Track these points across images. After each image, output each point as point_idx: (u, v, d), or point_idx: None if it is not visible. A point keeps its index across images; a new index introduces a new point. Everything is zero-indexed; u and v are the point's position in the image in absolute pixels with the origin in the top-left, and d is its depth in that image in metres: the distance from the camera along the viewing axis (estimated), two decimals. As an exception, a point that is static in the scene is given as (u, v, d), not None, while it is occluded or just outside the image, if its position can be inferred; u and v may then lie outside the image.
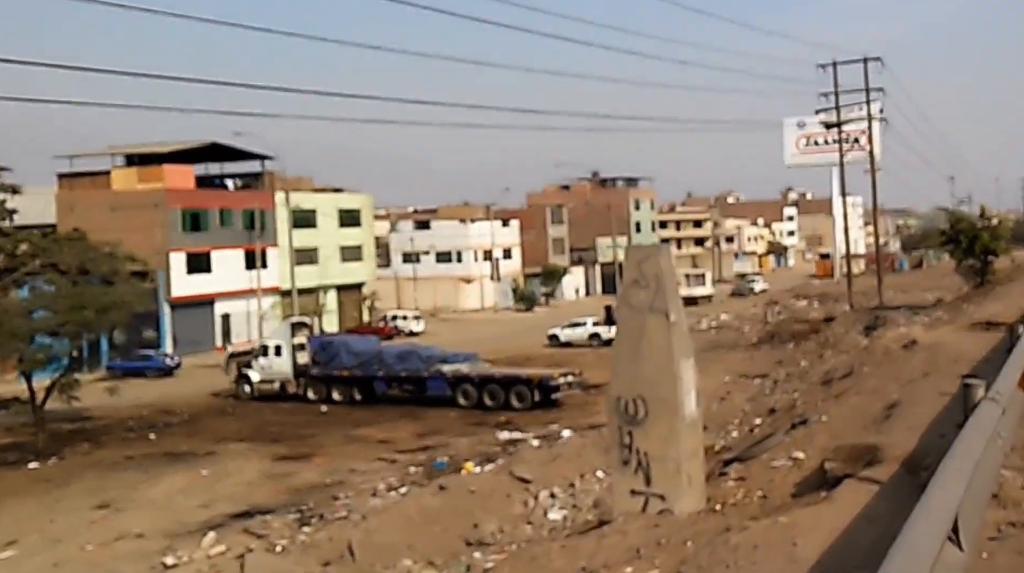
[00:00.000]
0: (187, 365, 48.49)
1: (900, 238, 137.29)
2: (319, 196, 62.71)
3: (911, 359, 15.36)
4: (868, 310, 50.76)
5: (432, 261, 77.63)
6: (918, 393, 10.97)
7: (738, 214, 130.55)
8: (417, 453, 29.73)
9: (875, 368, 16.10)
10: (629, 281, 8.13)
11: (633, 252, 8.40)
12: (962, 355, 14.27)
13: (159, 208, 50.80)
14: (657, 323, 7.86)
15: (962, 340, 15.98)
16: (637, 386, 7.96)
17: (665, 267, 7.98)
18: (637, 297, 7.96)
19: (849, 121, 56.55)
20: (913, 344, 16.43)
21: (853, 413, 11.15)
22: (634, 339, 7.96)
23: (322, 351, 39.72)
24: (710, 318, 69.93)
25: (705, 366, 47.36)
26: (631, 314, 8.04)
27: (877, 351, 17.03)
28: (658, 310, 7.84)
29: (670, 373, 7.73)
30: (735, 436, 21.26)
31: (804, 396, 18.37)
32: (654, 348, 7.85)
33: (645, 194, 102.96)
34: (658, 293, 7.87)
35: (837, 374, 17.94)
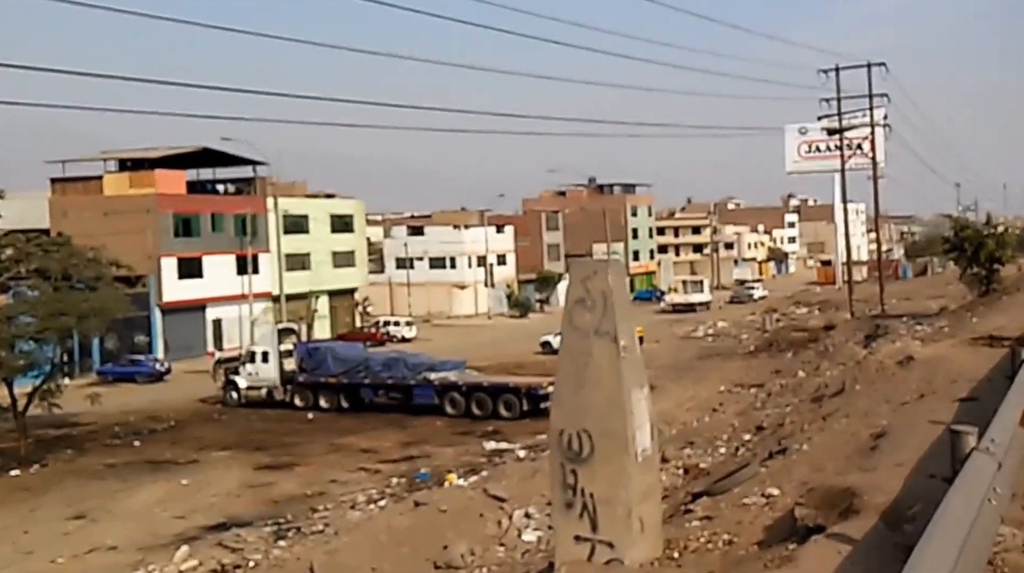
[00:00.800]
0: (178, 370, 47.89)
1: (904, 245, 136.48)
2: (311, 202, 62.16)
3: (906, 377, 14.60)
4: (869, 318, 50.14)
5: (426, 267, 77.02)
6: (910, 419, 10.21)
7: (738, 220, 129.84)
8: (400, 463, 29.34)
9: (868, 386, 15.34)
10: (573, 300, 7.36)
11: (577, 267, 7.60)
12: (961, 373, 13.50)
13: (151, 213, 50.32)
14: (604, 348, 7.09)
15: (962, 356, 15.20)
16: (582, 419, 7.17)
17: (614, 284, 7.19)
18: (582, 318, 7.19)
19: (852, 127, 55.97)
20: (909, 360, 15.67)
21: (837, 441, 10.39)
22: (578, 366, 7.19)
23: (309, 358, 39.17)
24: (707, 325, 69.35)
25: (701, 375, 46.91)
26: (575, 337, 7.26)
27: (871, 367, 16.26)
28: (605, 333, 7.07)
29: (619, 404, 6.94)
30: (722, 453, 20.59)
31: (793, 414, 17.63)
32: (601, 376, 7.07)
33: (643, 200, 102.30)
34: (605, 314, 7.10)
35: (828, 391, 17.18)
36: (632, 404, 7.23)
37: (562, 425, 7.37)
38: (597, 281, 7.41)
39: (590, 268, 7.58)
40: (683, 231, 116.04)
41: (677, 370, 49.54)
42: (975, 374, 13.16)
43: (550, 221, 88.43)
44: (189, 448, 32.17)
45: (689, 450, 22.03)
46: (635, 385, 7.37)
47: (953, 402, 11.27)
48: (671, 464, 21.25)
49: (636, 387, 7.38)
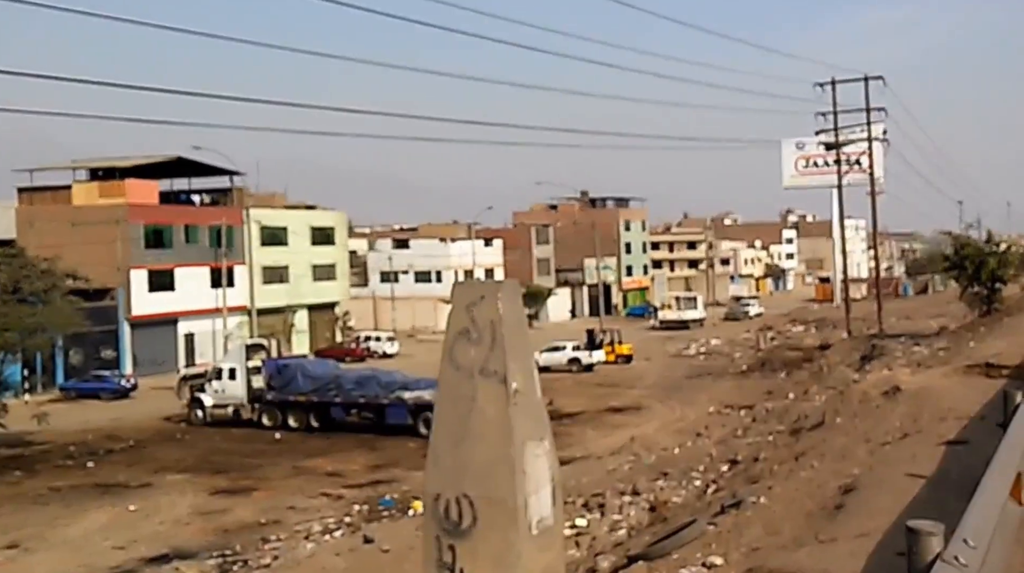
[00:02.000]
0: (146, 387, 46.25)
1: (905, 262, 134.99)
2: (290, 213, 60.61)
3: (891, 411, 13.06)
4: (866, 338, 48.76)
5: (411, 281, 75.43)
6: (885, 469, 8.65)
7: (735, 236, 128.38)
8: (366, 488, 28.03)
9: (849, 420, 13.80)
10: (455, 331, 5.80)
11: (461, 291, 6.01)
12: (951, 409, 11.97)
13: (120, 224, 48.74)
14: (491, 391, 5.53)
15: (953, 388, 13.66)
16: (462, 481, 5.62)
17: (506, 311, 5.63)
18: (465, 354, 5.66)
19: (850, 142, 54.90)
20: (896, 391, 14.13)
21: (802, 492, 8.84)
22: (459, 414, 5.64)
23: (278, 375, 37.68)
24: (700, 343, 67.94)
25: (690, 395, 45.42)
26: (456, 379, 5.71)
27: (854, 398, 14.70)
28: (492, 373, 5.52)
29: (507, 463, 5.39)
30: (697, 484, 19.08)
31: (770, 447, 16.03)
32: (486, 427, 5.52)
33: (636, 214, 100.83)
34: (494, 349, 5.55)
35: (809, 422, 15.61)
36: (526, 461, 5.64)
37: (438, 488, 5.79)
38: (484, 308, 5.80)
39: (476, 292, 5.96)
40: (678, 246, 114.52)
41: (666, 390, 48.06)
42: (966, 410, 11.64)
43: (540, 235, 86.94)
44: (144, 470, 30.62)
45: (662, 482, 20.55)
46: (531, 437, 5.78)
47: (939, 445, 9.77)
48: (642, 497, 19.78)
49: (533, 440, 5.79)
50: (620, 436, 34.89)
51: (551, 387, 49.62)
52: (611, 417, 40.45)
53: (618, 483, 20.81)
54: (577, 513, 19.42)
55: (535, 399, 6.10)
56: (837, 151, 56.66)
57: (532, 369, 6.24)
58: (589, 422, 39.36)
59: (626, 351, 58.62)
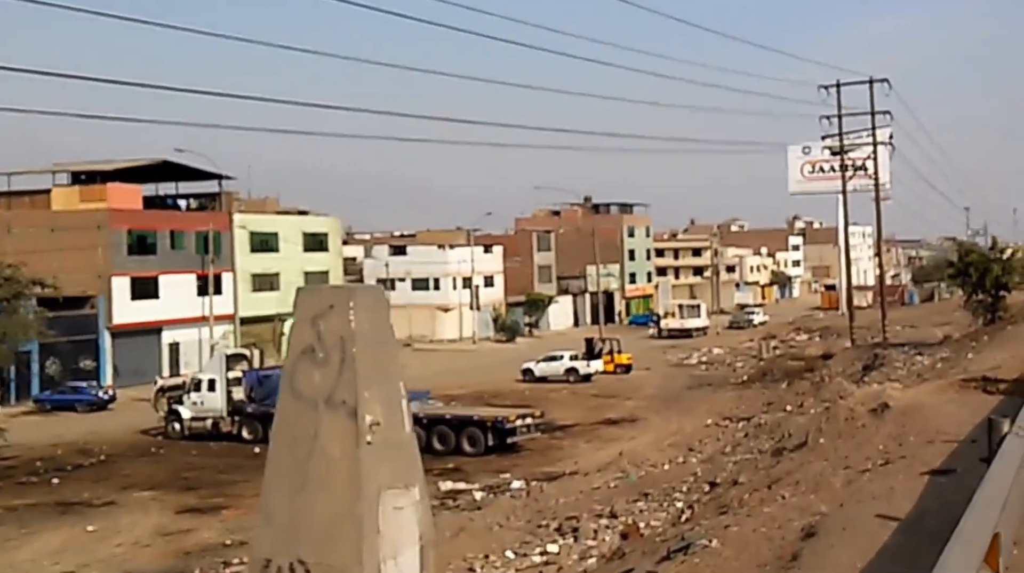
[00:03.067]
0: (126, 398, 44.99)
1: (911, 270, 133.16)
2: (281, 218, 59.35)
3: (877, 431, 11.69)
4: (869, 347, 47.44)
5: (408, 288, 74.05)
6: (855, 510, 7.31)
7: (742, 243, 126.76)
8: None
9: (832, 440, 12.44)
10: (298, 350, 4.47)
11: (305, 299, 4.68)
12: (940, 430, 10.59)
13: (102, 229, 47.53)
14: (338, 427, 4.23)
15: (944, 406, 12.28)
16: (298, 543, 4.29)
17: (362, 326, 4.32)
18: (308, 380, 4.34)
19: (855, 147, 53.83)
20: (884, 408, 12.76)
21: (759, 535, 7.53)
22: (298, 457, 4.33)
23: (258, 386, 36.41)
24: (702, 352, 66.59)
25: (689, 406, 43.94)
26: (296, 411, 4.40)
27: (840, 416, 13.32)
28: (340, 404, 4.21)
29: (354, 520, 4.07)
30: (678, 505, 17.74)
31: (750, 469, 14.66)
32: (330, 473, 4.22)
33: (640, 220, 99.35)
34: (343, 373, 4.22)
35: (792, 442, 14.24)
36: (382, 517, 4.32)
37: (268, 551, 4.49)
38: (333, 321, 4.43)
39: (324, 300, 4.57)
40: (683, 253, 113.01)
41: (664, 401, 46.68)
42: (956, 431, 10.27)
43: (541, 241, 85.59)
44: (111, 487, 29.34)
45: (642, 504, 19.24)
46: (392, 485, 4.46)
47: (922, 475, 8.42)
48: (620, 520, 18.45)
49: (394, 489, 4.46)
50: (612, 449, 33.62)
51: (545, 397, 48.40)
52: (605, 429, 39.14)
53: (596, 505, 19.54)
54: (549, 538, 18.21)
55: (401, 436, 4.72)
56: (842, 156, 55.58)
57: (397, 397, 4.87)
58: (582, 434, 38.05)
59: (625, 361, 57.32)
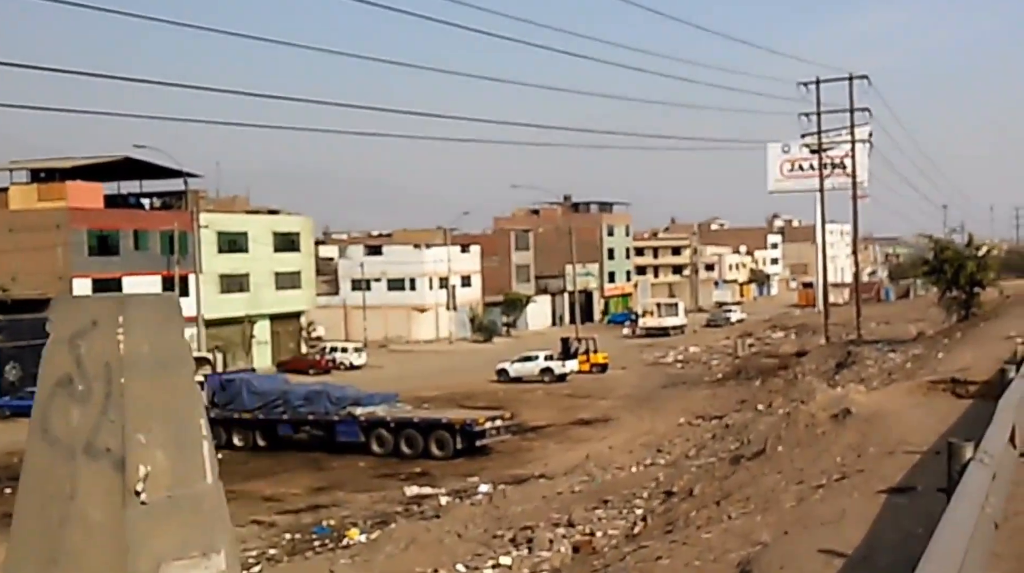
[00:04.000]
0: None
1: (888, 267, 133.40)
2: (250, 218, 58.10)
3: (837, 439, 10.98)
4: (843, 344, 47.12)
5: (384, 288, 73.04)
6: (798, 540, 6.55)
7: (721, 241, 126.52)
8: (304, 513, 25.90)
9: (790, 449, 11.72)
10: (52, 380, 3.58)
11: (63, 310, 3.74)
12: (903, 439, 9.88)
13: (61, 229, 46.18)
14: (99, 482, 3.35)
15: (910, 411, 11.57)
16: None
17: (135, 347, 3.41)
18: (64, 420, 3.45)
19: (834, 144, 53.57)
20: (846, 414, 12.05)
21: (690, 569, 6.69)
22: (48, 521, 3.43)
23: (221, 391, 35.54)
24: (678, 351, 66.13)
25: (662, 405, 43.29)
26: (49, 460, 3.49)
27: (800, 422, 12.60)
28: (103, 452, 3.33)
29: None
30: (638, 512, 17.00)
31: (707, 478, 13.93)
32: (90, 543, 3.33)
33: (620, 219, 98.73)
34: (108, 410, 3.35)
35: (750, 450, 13.53)
36: None
37: None
38: (97, 341, 3.39)
39: (85, 313, 3.49)
40: (663, 252, 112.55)
41: (638, 400, 46.08)
42: (920, 440, 9.57)
43: (519, 240, 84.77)
44: (61, 496, 28.26)
45: (601, 511, 18.49)
46: (178, 555, 3.52)
47: (878, 494, 7.70)
48: (577, 528, 17.72)
49: (183, 559, 3.52)
50: (583, 451, 32.98)
51: (519, 398, 47.69)
52: (577, 430, 38.50)
53: (555, 513, 18.79)
54: (503, 550, 17.46)
55: (198, 488, 3.66)
56: (819, 153, 55.35)
57: (193, 439, 3.71)
58: (554, 436, 37.40)
59: (601, 360, 56.75)
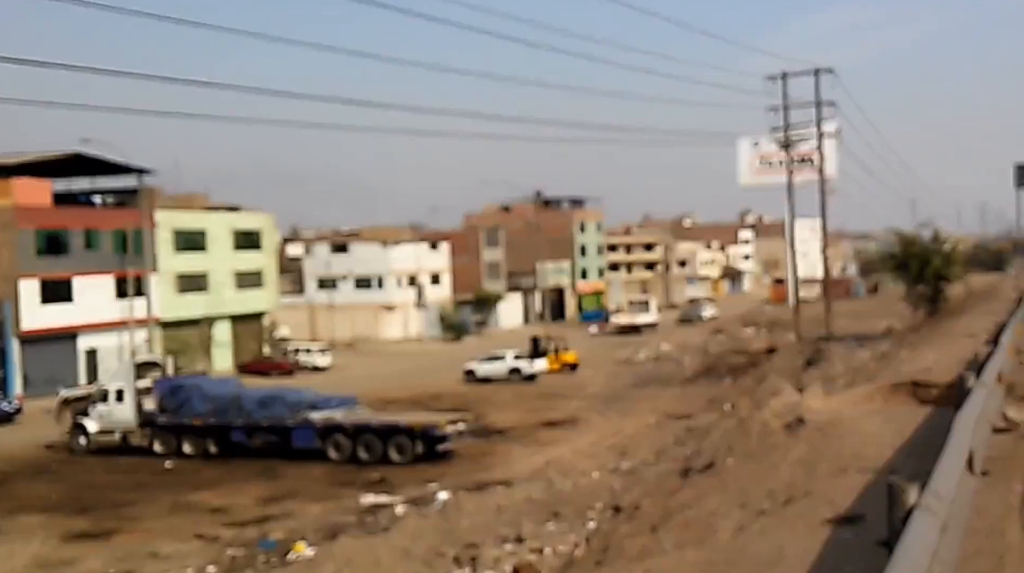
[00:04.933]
0: (37, 409, 42.14)
1: (859, 262, 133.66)
2: (208, 215, 56.52)
3: (787, 454, 10.07)
4: (813, 341, 46.63)
5: (351, 287, 71.73)
6: None
7: (694, 237, 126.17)
8: (251, 526, 24.60)
9: (740, 463, 10.82)
10: None
11: None
12: (856, 455, 8.98)
13: (7, 229, 44.55)
14: None
15: (867, 420, 10.68)
16: None
17: None
18: None
19: (802, 139, 53.12)
20: (799, 423, 11.12)
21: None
22: None
23: (171, 396, 34.19)
24: (649, 349, 65.31)
25: (631, 405, 42.36)
26: None
27: (753, 431, 11.67)
28: None
29: None
30: (590, 526, 16.04)
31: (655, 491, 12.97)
32: None
33: (592, 215, 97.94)
34: None
35: (701, 462, 12.60)
36: None
37: None
38: None
39: None
40: (635, 248, 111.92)
41: (607, 400, 45.16)
42: (876, 455, 8.68)
43: (490, 237, 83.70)
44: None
45: (552, 524, 17.48)
46: None
47: (825, 524, 6.77)
48: (527, 545, 16.73)
49: None
50: (548, 454, 32.02)
51: (486, 399, 46.64)
52: (544, 432, 37.47)
53: (504, 528, 17.76)
54: (444, 570, 16.45)
55: None
56: (787, 148, 54.91)
57: None
58: (520, 438, 36.33)
59: (571, 359, 55.87)
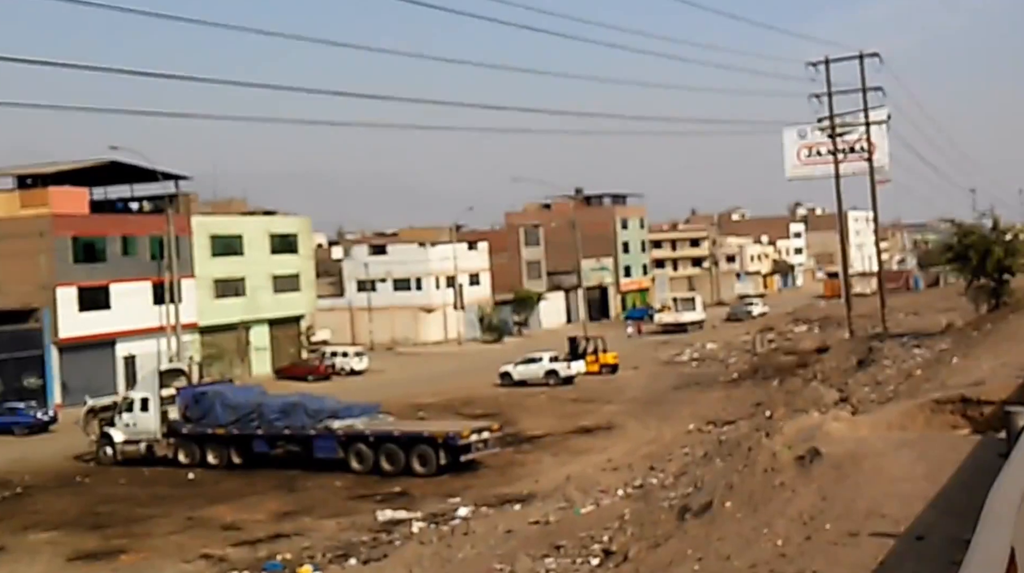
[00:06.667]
0: (72, 418, 42.07)
1: (917, 254, 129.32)
2: (245, 220, 56.24)
3: (792, 500, 8.68)
4: (866, 338, 44.53)
5: (389, 289, 71.06)
6: None
7: (743, 231, 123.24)
8: (262, 544, 23.85)
9: (735, 509, 9.44)
10: None
11: None
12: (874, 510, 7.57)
13: (44, 236, 44.55)
14: None
15: (896, 453, 9.22)
16: None
17: None
18: None
19: (850, 128, 50.81)
20: (815, 456, 9.70)
21: None
22: None
23: (194, 405, 33.75)
24: (694, 348, 63.49)
25: (671, 409, 40.55)
26: None
27: (759, 466, 10.25)
28: None
29: None
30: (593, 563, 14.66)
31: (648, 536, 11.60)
32: None
33: (634, 211, 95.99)
34: None
35: (696, 501, 11.20)
36: None
37: None
38: None
39: None
40: (681, 244, 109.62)
41: (646, 404, 43.63)
42: (898, 513, 7.23)
43: (529, 236, 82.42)
44: (11, 527, 26.41)
45: (551, 559, 16.09)
46: None
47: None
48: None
49: None
50: (578, 464, 30.74)
51: (520, 404, 45.40)
52: (577, 440, 36.20)
53: (499, 562, 16.43)
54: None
55: None
56: (833, 136, 52.65)
57: None
58: (550, 447, 35.10)
59: (611, 360, 54.31)
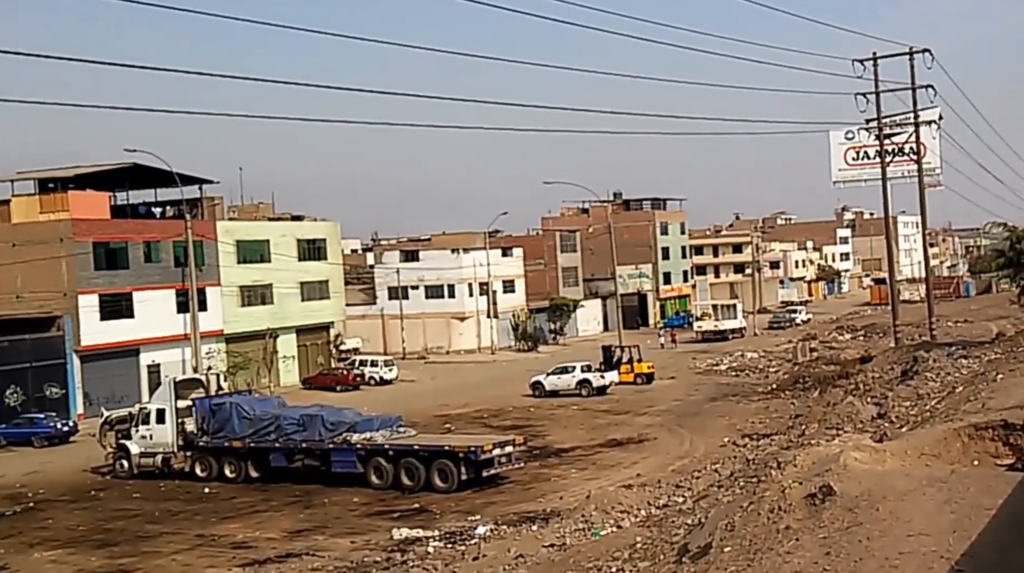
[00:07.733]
0: (93, 429, 41.69)
1: (968, 260, 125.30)
2: (271, 225, 55.58)
3: (795, 552, 7.21)
4: (912, 347, 42.53)
5: (421, 296, 70.10)
6: None
7: (788, 237, 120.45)
8: (271, 565, 22.75)
9: (733, 557, 7.97)
10: None
11: None
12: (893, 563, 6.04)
13: (65, 242, 44.00)
14: None
15: (920, 497, 7.77)
16: None
17: None
18: None
19: (896, 127, 48.60)
20: (827, 496, 8.30)
21: None
22: None
23: (211, 417, 32.91)
24: (733, 357, 61.63)
25: (707, 421, 38.64)
26: None
27: (766, 504, 8.84)
28: None
29: None
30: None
31: None
32: None
33: (674, 216, 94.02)
34: None
35: (696, 541, 9.79)
36: None
37: None
38: None
39: None
40: (723, 250, 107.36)
41: (680, 416, 42.01)
42: None
43: (565, 242, 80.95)
44: (18, 544, 25.67)
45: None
46: None
47: None
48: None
49: None
50: (607, 480, 29.28)
51: (550, 415, 44.05)
52: (606, 454, 34.74)
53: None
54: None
55: None
56: (879, 136, 50.39)
57: None
58: (578, 461, 33.69)
59: (646, 370, 52.63)
